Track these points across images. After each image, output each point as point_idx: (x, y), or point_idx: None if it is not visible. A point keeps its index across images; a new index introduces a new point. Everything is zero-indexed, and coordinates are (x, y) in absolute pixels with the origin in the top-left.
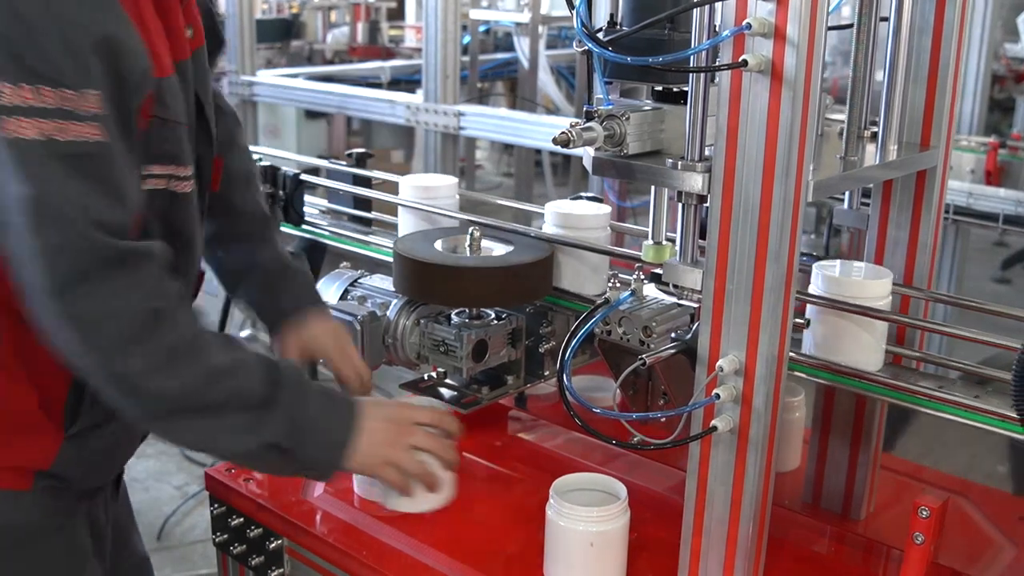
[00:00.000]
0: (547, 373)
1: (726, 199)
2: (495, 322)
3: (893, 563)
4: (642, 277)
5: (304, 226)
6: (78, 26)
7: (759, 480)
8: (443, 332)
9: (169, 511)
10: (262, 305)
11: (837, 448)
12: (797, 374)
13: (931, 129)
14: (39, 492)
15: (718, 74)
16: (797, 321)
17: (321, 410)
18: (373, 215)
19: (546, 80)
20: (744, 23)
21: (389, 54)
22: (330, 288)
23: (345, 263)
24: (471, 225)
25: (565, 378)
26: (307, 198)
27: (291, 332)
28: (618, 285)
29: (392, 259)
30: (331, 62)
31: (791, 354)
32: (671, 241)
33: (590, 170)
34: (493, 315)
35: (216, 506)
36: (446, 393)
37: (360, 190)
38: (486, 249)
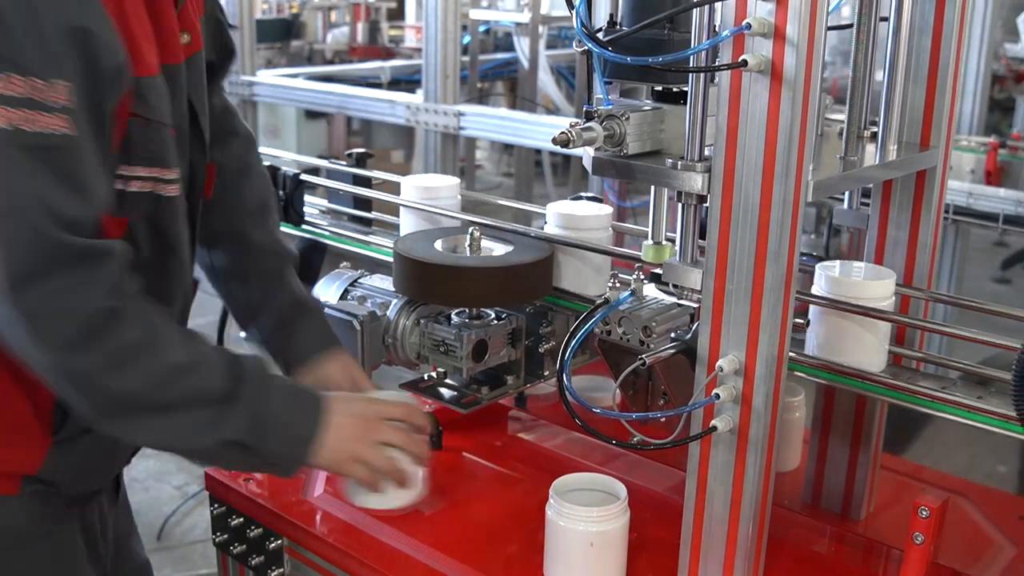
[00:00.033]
0: (547, 373)
1: (726, 199)
2: (495, 322)
3: (893, 563)
4: (642, 277)
5: (304, 226)
6: (51, 16)
7: (759, 480)
8: (443, 332)
9: (169, 511)
10: (275, 345)
11: (837, 448)
12: (797, 374)
13: (931, 129)
14: (26, 497)
15: (718, 74)
16: (798, 321)
17: (284, 404)
18: (373, 215)
19: (546, 80)
20: (744, 23)
21: (389, 54)
22: (330, 288)
23: (345, 263)
24: (471, 225)
25: (565, 378)
26: (307, 198)
27: (304, 374)
28: (618, 285)
29: (392, 259)
30: (331, 62)
31: (791, 354)
32: (671, 241)
33: (590, 170)
34: (493, 315)
35: (216, 506)
36: (446, 393)
37: (360, 190)
38: (486, 249)
